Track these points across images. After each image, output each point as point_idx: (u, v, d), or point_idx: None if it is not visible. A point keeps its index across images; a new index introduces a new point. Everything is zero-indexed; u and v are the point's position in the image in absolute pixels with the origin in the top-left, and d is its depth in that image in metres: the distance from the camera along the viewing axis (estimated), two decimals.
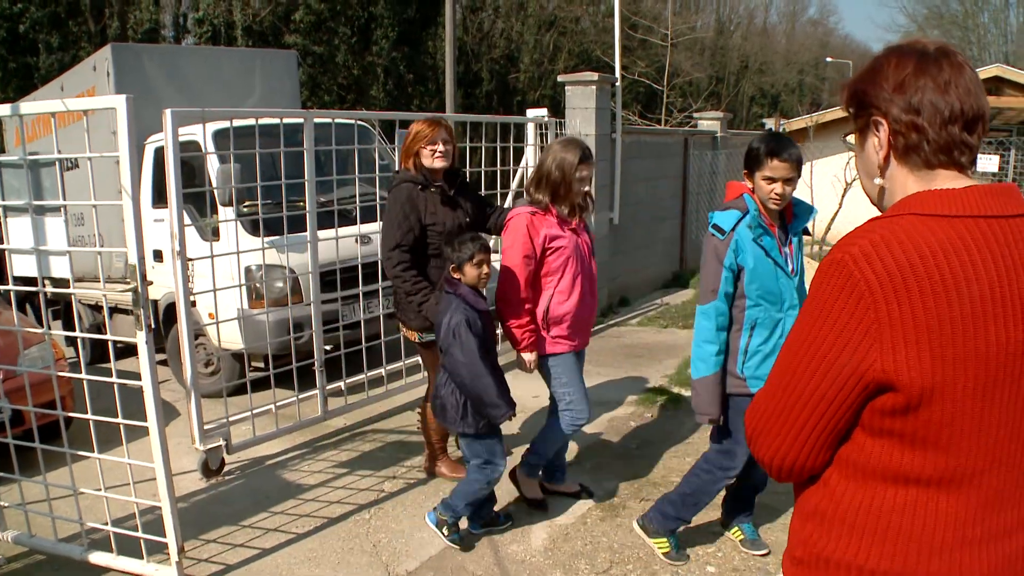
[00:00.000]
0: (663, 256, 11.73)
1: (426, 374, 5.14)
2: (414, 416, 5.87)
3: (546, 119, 7.83)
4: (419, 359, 6.32)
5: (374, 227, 5.95)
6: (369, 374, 6.02)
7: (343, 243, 5.69)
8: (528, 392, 6.33)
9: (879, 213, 1.60)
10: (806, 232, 3.85)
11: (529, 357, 4.32)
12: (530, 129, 7.77)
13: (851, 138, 1.70)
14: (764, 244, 3.55)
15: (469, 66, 28.18)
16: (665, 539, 4.06)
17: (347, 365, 5.82)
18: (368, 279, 5.90)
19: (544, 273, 4.24)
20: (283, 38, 23.71)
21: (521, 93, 29.56)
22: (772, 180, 3.49)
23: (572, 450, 5.31)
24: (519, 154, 7.74)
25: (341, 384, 5.81)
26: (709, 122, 13.60)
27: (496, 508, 4.40)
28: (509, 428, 5.13)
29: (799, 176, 3.53)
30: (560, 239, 4.20)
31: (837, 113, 15.74)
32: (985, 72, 15.23)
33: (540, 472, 4.67)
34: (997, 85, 15.04)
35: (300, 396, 5.47)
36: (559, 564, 4.04)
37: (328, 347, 5.79)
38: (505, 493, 4.64)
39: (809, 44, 52.20)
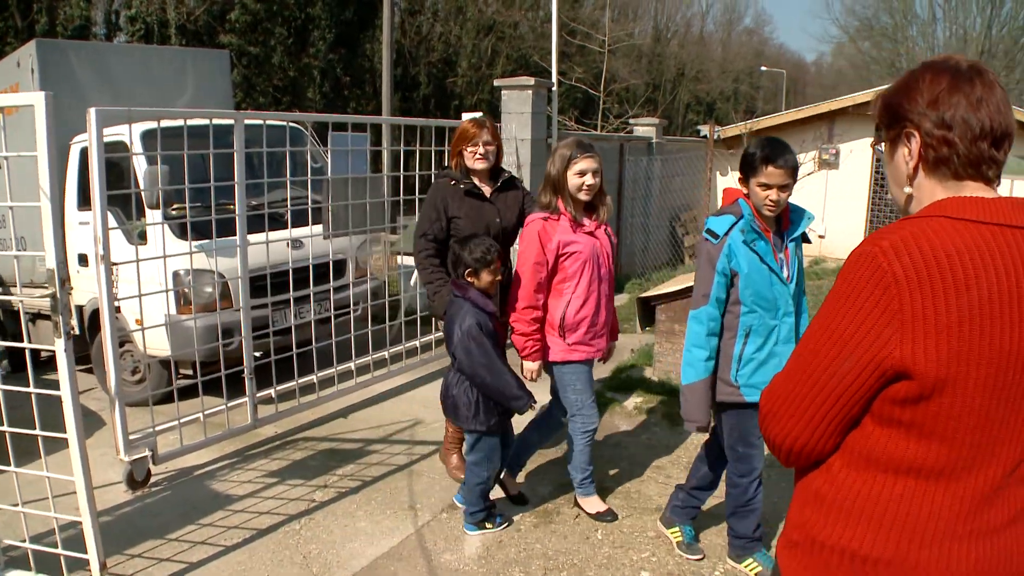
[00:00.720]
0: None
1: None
2: (346, 423, 5.80)
3: None
4: (351, 364, 6.26)
5: (305, 231, 5.87)
6: (300, 381, 5.90)
7: (274, 247, 5.58)
8: None
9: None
10: (805, 239, 3.84)
11: (531, 366, 4.28)
12: None
13: (881, 147, 1.77)
14: (758, 249, 3.53)
15: (407, 69, 28.05)
16: (752, 560, 4.00)
17: (278, 372, 5.72)
18: (299, 284, 5.80)
19: (560, 280, 4.20)
20: (218, 38, 23.35)
21: (459, 97, 29.52)
22: (767, 187, 3.47)
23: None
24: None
25: (271, 391, 5.70)
26: (645, 128, 13.69)
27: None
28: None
29: (795, 182, 3.52)
30: (574, 244, 4.14)
31: (772, 120, 15.98)
32: None
33: (592, 484, 4.58)
34: None
35: (229, 404, 5.33)
36: (493, 572, 3.99)
37: (258, 353, 5.66)
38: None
39: (744, 53, 52.97)
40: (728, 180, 14.89)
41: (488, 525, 4.35)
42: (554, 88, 9.48)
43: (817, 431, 1.64)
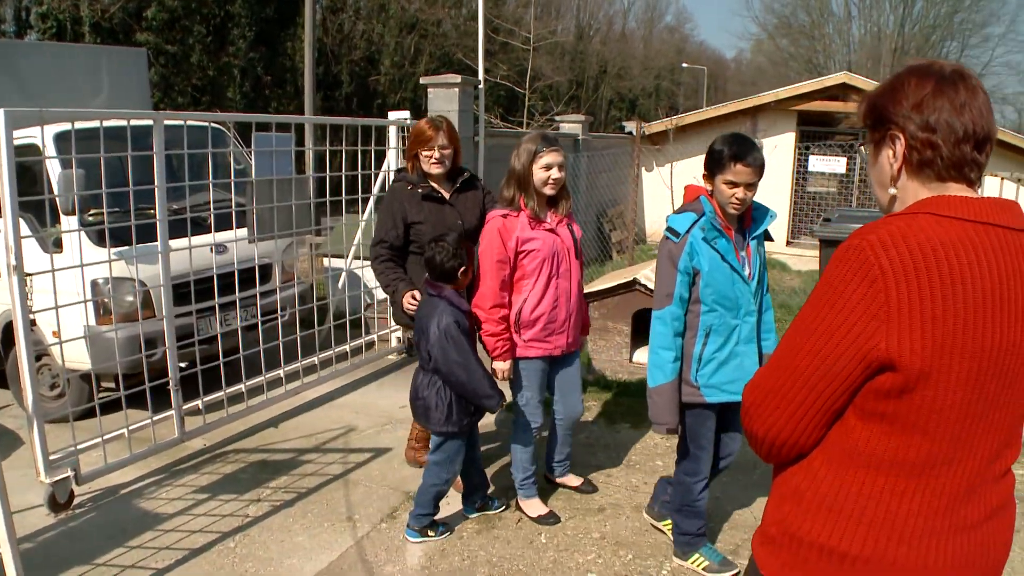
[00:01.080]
0: None
1: None
2: (277, 433, 5.63)
3: (408, 121, 7.65)
4: (280, 372, 6.09)
5: (229, 235, 5.68)
6: (228, 391, 5.69)
7: (197, 253, 5.37)
8: (395, 403, 6.17)
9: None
10: (768, 237, 3.80)
11: (501, 366, 4.24)
12: (392, 132, 7.59)
13: (865, 149, 1.81)
14: (719, 247, 3.48)
15: (329, 68, 27.66)
16: (698, 555, 3.96)
17: (205, 382, 5.48)
18: (225, 290, 5.61)
19: (519, 277, 4.18)
20: (134, 36, 22.66)
21: (382, 96, 29.19)
22: (734, 184, 3.42)
23: None
24: (380, 158, 7.53)
25: (199, 403, 5.47)
26: (571, 125, 13.70)
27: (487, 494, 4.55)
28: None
29: (760, 180, 3.47)
30: (533, 241, 4.12)
31: (697, 116, 16.12)
32: (833, 79, 15.86)
33: (534, 486, 4.56)
34: (844, 91, 15.66)
35: (154, 418, 5.11)
36: None
37: (183, 364, 5.44)
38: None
39: (665, 50, 53.58)
40: (653, 176, 14.98)
41: (431, 533, 4.26)
42: (480, 86, 9.39)
43: (800, 424, 1.67)
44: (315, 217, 6.76)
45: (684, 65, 48.82)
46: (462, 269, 4.02)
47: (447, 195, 4.59)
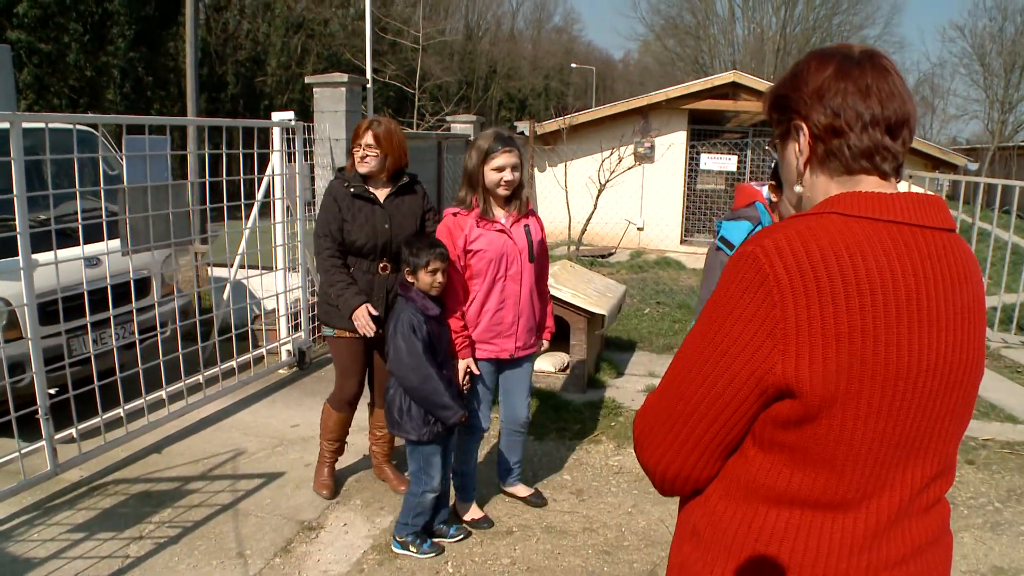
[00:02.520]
0: None
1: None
2: (161, 459, 5.20)
3: (293, 123, 7.29)
4: (162, 393, 5.68)
5: (101, 247, 5.24)
6: (105, 416, 5.21)
7: (66, 267, 4.90)
8: (287, 422, 5.82)
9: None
10: None
11: (460, 364, 4.10)
12: (276, 133, 7.20)
13: (775, 145, 1.63)
14: None
15: (213, 69, 26.73)
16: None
17: (79, 407, 4.98)
18: (97, 306, 5.15)
19: (468, 277, 4.09)
20: (4, 33, 21.45)
21: (268, 98, 28.39)
22: None
23: (340, 485, 4.87)
24: (264, 161, 7.15)
25: (72, 431, 4.97)
26: (463, 126, 13.46)
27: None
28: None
29: None
30: (480, 240, 4.02)
31: (589, 116, 16.11)
32: (723, 78, 16.07)
33: (472, 491, 4.46)
34: (734, 90, 15.88)
35: (23, 449, 4.64)
36: None
37: (53, 390, 4.97)
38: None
39: (554, 50, 53.99)
40: (546, 176, 14.86)
41: (412, 548, 4.07)
42: (368, 85, 9.07)
43: (692, 457, 1.47)
44: (199, 225, 6.34)
45: (573, 65, 49.26)
46: (427, 269, 3.83)
47: (381, 197, 4.44)
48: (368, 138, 4.35)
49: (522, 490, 4.74)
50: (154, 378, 5.64)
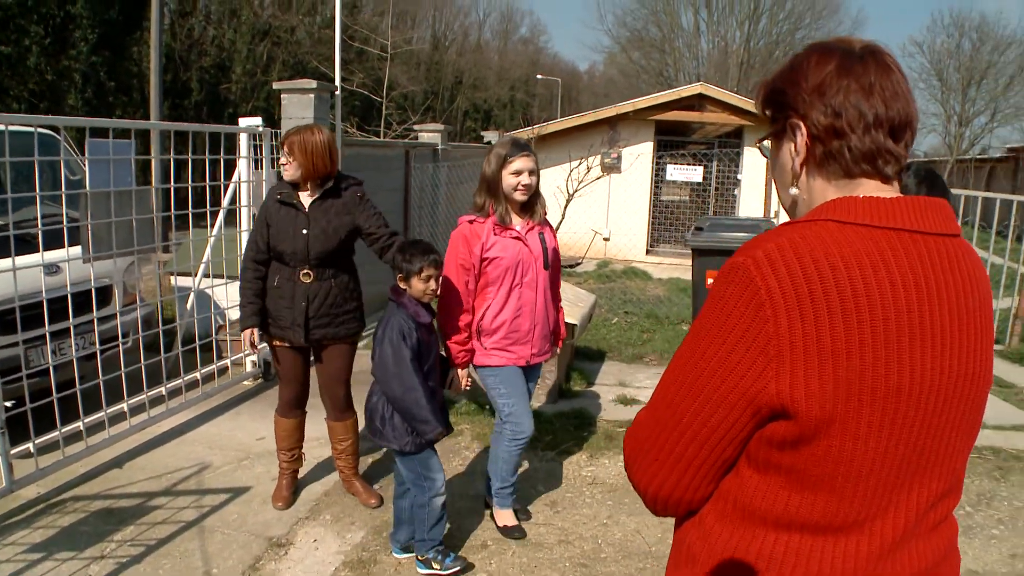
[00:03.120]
0: (387, 273, 11.22)
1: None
2: (122, 474, 5.02)
3: (260, 128, 7.15)
4: (123, 405, 5.50)
5: (61, 254, 5.08)
6: (65, 430, 5.02)
7: (24, 274, 4.72)
8: (252, 435, 5.68)
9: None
10: None
11: (460, 372, 4.14)
12: (243, 140, 7.06)
13: (767, 144, 1.54)
14: None
15: (177, 75, 26.36)
16: None
17: (36, 421, 4.78)
18: (57, 315, 4.98)
19: (483, 285, 4.08)
20: None
21: (233, 105, 28.03)
22: None
23: (309, 499, 4.74)
24: (230, 168, 7.00)
25: (30, 445, 4.78)
26: (430, 134, 13.38)
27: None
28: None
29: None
30: (496, 247, 4.01)
31: (557, 126, 16.09)
32: (690, 90, 16.15)
33: (511, 497, 4.41)
34: (700, 102, 15.97)
35: None
36: None
37: (10, 403, 4.78)
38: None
39: (520, 62, 54.10)
40: None
41: (436, 566, 3.91)
42: (337, 92, 8.95)
43: (684, 478, 1.39)
44: (162, 232, 6.18)
45: (539, 77, 49.36)
46: (420, 276, 3.74)
47: (305, 203, 4.39)
48: (285, 148, 4.37)
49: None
50: (115, 390, 5.46)
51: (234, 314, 6.98)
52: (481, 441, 5.69)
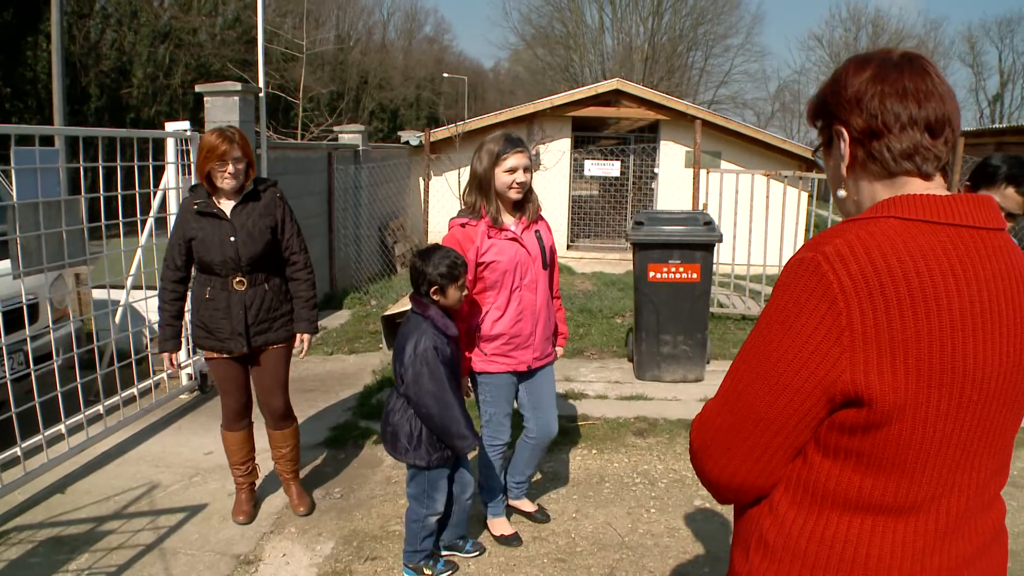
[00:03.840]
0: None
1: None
2: (66, 499, 4.76)
3: (188, 133, 6.90)
4: (61, 427, 5.24)
5: None
6: (0, 456, 4.76)
7: None
8: (199, 450, 5.47)
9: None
10: None
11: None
12: (170, 145, 6.81)
13: (820, 153, 1.62)
14: None
15: (76, 79, 25.38)
16: None
17: None
18: None
19: (480, 290, 3.90)
20: None
21: (134, 110, 27.19)
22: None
23: (271, 512, 4.58)
24: (153, 175, 6.72)
25: None
26: (350, 136, 13.18)
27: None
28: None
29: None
30: (492, 250, 3.84)
31: (482, 122, 16.00)
32: (606, 86, 16.27)
33: (501, 504, 4.35)
34: (616, 97, 16.08)
35: None
36: None
37: None
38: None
39: (426, 60, 53.80)
40: (432, 185, 14.64)
41: (427, 572, 3.87)
42: (262, 94, 8.71)
43: (757, 465, 1.46)
44: (84, 244, 5.90)
45: (445, 75, 49.19)
46: (457, 284, 3.60)
47: (227, 210, 4.23)
48: (236, 151, 4.19)
49: (527, 504, 4.58)
50: (50, 411, 5.17)
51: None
52: None
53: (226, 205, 4.23)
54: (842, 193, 1.55)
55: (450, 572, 3.92)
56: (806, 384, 1.36)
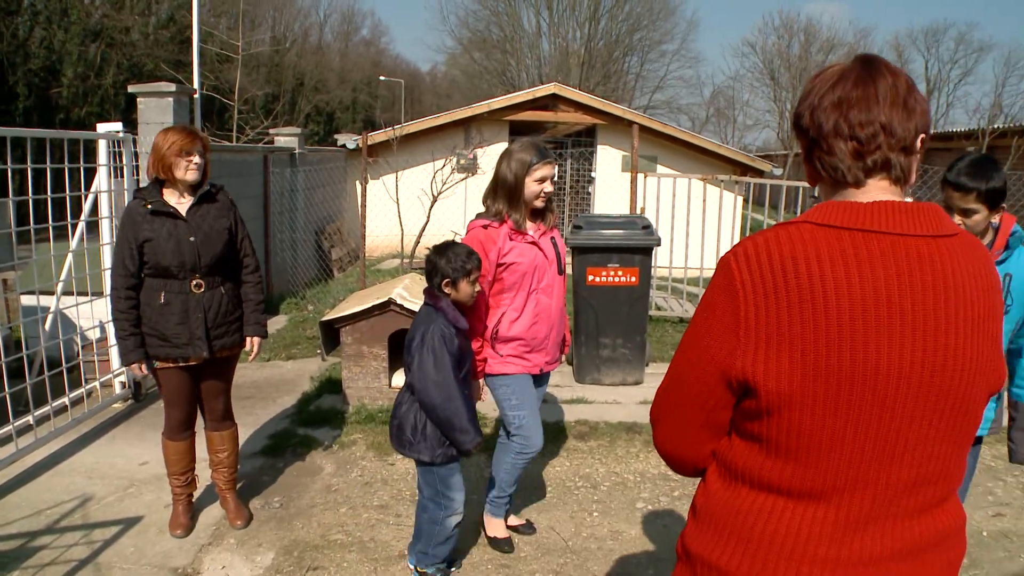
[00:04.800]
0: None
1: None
2: (13, 509, 4.60)
3: (121, 134, 6.74)
4: None
5: None
6: None
7: None
8: (134, 460, 5.34)
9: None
10: None
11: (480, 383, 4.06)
12: (102, 147, 6.64)
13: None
14: None
15: (3, 78, 24.68)
16: None
17: None
18: None
19: (497, 291, 3.96)
20: None
21: (64, 110, 26.51)
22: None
23: (209, 524, 4.49)
24: (85, 177, 6.55)
25: None
26: (286, 138, 13.03)
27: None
28: None
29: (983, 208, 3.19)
30: (513, 252, 3.90)
31: (419, 125, 15.95)
32: (544, 90, 16.34)
33: (504, 507, 4.35)
34: (554, 101, 16.15)
35: None
36: None
37: None
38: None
39: (362, 63, 53.40)
40: (376, 188, 14.52)
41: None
42: (196, 95, 8.56)
43: (686, 439, 1.63)
44: (12, 249, 5.73)
45: (381, 78, 48.93)
46: (469, 279, 3.64)
47: (183, 210, 4.14)
48: (199, 144, 4.18)
49: (513, 519, 4.55)
50: None
51: (93, 333, 6.58)
52: (376, 451, 5.55)
53: (181, 205, 4.15)
54: (813, 197, 1.65)
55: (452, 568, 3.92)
56: (710, 367, 1.52)
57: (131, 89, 8.07)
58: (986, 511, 4.92)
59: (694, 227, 10.05)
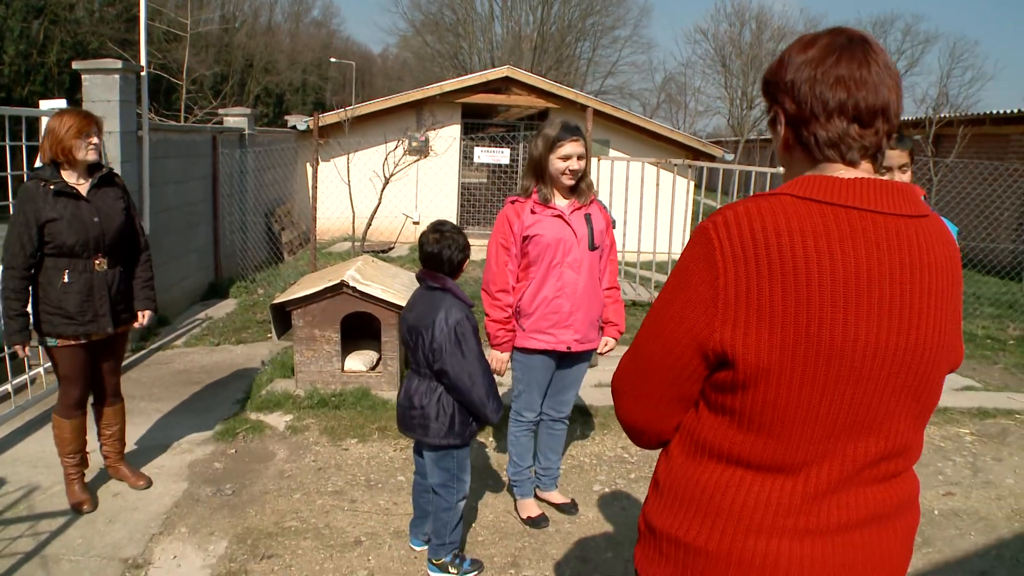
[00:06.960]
0: (198, 266, 10.64)
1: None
2: None
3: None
4: None
5: None
6: None
7: None
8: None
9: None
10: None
11: (501, 356, 4.12)
12: (45, 124, 6.45)
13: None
14: None
15: None
16: None
17: None
18: None
19: (525, 265, 4.03)
20: None
21: (5, 88, 25.82)
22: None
23: (159, 513, 4.39)
24: (27, 156, 6.37)
25: None
26: (236, 119, 12.80)
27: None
28: None
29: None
30: (536, 225, 3.94)
31: (371, 107, 15.77)
32: (497, 73, 16.26)
33: (528, 484, 4.45)
34: (507, 85, 16.07)
35: None
36: None
37: None
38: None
39: (313, 44, 52.86)
40: (327, 169, 14.34)
41: (452, 570, 3.76)
42: (144, 73, 8.35)
43: (654, 411, 1.60)
44: None
45: (332, 60, 48.43)
46: (466, 261, 3.65)
47: (83, 191, 4.19)
48: (95, 127, 4.23)
49: (556, 496, 4.58)
50: None
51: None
52: (330, 435, 5.48)
53: (80, 187, 4.18)
54: (782, 170, 1.63)
55: (477, 572, 3.84)
56: (685, 338, 1.48)
57: (76, 66, 7.84)
58: (937, 490, 5.00)
59: (647, 211, 10.06)
